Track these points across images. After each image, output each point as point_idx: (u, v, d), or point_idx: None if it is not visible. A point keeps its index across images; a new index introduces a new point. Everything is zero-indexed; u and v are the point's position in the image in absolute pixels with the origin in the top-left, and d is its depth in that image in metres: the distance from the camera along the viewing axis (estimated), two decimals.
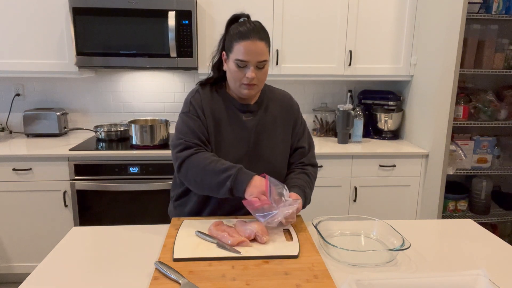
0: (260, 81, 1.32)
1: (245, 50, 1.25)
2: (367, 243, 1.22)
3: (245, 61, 1.26)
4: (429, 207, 2.50)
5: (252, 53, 1.25)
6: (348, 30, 2.60)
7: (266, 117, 1.42)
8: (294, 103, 1.50)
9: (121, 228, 1.33)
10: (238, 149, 1.38)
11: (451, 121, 2.32)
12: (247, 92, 1.32)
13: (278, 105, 1.45)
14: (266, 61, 1.30)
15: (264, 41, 1.28)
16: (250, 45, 1.25)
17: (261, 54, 1.27)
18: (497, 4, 2.34)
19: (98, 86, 2.89)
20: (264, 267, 1.05)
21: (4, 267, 2.47)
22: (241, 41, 1.25)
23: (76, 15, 2.37)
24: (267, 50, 1.30)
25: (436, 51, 2.40)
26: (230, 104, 1.39)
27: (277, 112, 1.44)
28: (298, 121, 1.48)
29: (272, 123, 1.42)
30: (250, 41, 1.25)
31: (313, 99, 3.02)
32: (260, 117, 1.41)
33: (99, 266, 1.09)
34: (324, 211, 2.55)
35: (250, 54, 1.25)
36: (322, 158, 2.47)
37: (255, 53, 1.26)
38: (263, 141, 1.40)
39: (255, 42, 1.25)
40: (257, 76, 1.29)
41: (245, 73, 1.28)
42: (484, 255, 1.18)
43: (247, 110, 1.40)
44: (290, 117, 1.46)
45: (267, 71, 1.34)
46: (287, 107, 1.46)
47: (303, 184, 1.39)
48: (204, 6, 2.50)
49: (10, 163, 2.33)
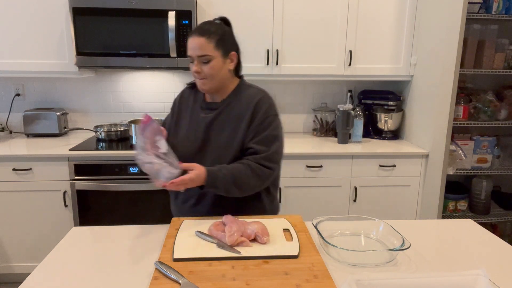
0: (208, 76, 1.37)
1: (188, 46, 1.36)
2: (367, 243, 1.22)
3: (189, 56, 1.37)
4: (429, 207, 2.50)
5: (192, 49, 1.35)
6: (348, 30, 2.60)
7: (224, 115, 1.42)
8: (260, 103, 1.41)
9: (121, 228, 1.33)
10: (189, 144, 1.44)
11: (451, 121, 2.32)
12: (199, 84, 1.40)
13: (242, 104, 1.42)
14: (207, 56, 1.34)
15: (205, 37, 1.33)
16: (191, 41, 1.35)
17: (199, 49, 1.33)
18: (497, 4, 2.34)
19: (98, 86, 2.89)
20: (264, 267, 1.05)
21: (4, 267, 2.47)
22: (189, 38, 1.37)
23: (76, 15, 2.37)
24: (210, 46, 1.34)
25: (436, 51, 2.40)
26: (197, 101, 1.49)
27: (239, 111, 1.42)
28: (257, 121, 1.39)
29: (229, 122, 1.41)
30: (191, 38, 1.35)
31: (313, 99, 3.02)
32: (217, 115, 1.43)
33: (99, 266, 1.09)
34: (324, 211, 2.55)
35: (191, 49, 1.35)
36: (322, 158, 2.47)
37: (195, 48, 1.34)
38: (212, 138, 1.42)
39: (195, 38, 1.34)
40: (203, 70, 1.36)
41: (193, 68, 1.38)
42: (484, 255, 1.18)
43: (208, 108, 1.46)
44: (247, 116, 1.39)
45: (216, 67, 1.36)
46: (248, 106, 1.41)
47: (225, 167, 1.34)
48: (204, 6, 2.50)
49: (10, 163, 2.33)
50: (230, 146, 1.40)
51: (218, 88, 1.42)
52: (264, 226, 1.22)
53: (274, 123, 1.42)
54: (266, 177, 1.39)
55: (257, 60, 2.60)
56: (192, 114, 1.48)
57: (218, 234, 1.20)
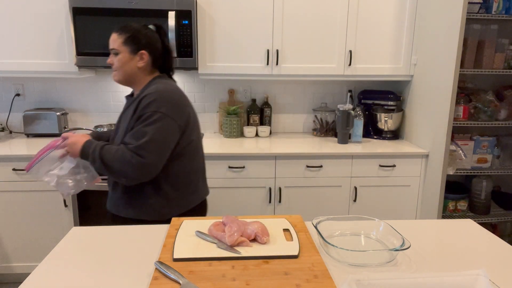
0: (116, 68, 1.55)
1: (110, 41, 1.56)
2: (367, 243, 1.22)
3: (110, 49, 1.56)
4: (429, 207, 2.51)
5: (110, 43, 1.55)
6: (348, 30, 2.60)
7: (129, 109, 1.53)
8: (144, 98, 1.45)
9: (121, 228, 1.33)
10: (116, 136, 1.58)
11: (451, 121, 2.32)
12: (112, 75, 1.59)
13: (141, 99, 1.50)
14: (115, 49, 1.53)
15: (117, 33, 1.53)
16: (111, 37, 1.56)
17: (111, 43, 1.54)
18: (497, 4, 2.34)
19: (98, 86, 2.89)
20: (264, 267, 1.05)
21: (4, 267, 2.47)
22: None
23: (76, 15, 2.37)
24: (119, 42, 1.52)
25: (436, 51, 2.40)
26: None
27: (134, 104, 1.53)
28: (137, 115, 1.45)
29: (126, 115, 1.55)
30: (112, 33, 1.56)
31: (313, 99, 3.02)
32: (125, 109, 1.59)
33: (99, 266, 1.09)
34: (324, 211, 2.55)
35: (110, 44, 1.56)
36: (322, 158, 2.47)
37: (110, 42, 1.55)
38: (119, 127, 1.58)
39: (112, 33, 1.55)
40: (114, 62, 1.55)
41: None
42: (484, 255, 1.18)
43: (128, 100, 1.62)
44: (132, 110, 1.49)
45: (122, 61, 1.53)
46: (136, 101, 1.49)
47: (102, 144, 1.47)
48: (204, 6, 2.50)
49: (10, 163, 2.33)
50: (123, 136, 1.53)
51: (127, 81, 1.58)
52: (264, 226, 1.22)
53: (150, 118, 1.42)
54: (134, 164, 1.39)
55: (257, 60, 2.60)
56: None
57: (218, 234, 1.20)
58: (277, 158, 2.45)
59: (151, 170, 1.43)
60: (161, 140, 1.42)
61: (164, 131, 1.43)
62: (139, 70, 1.56)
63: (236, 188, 2.47)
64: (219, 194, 2.47)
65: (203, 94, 2.94)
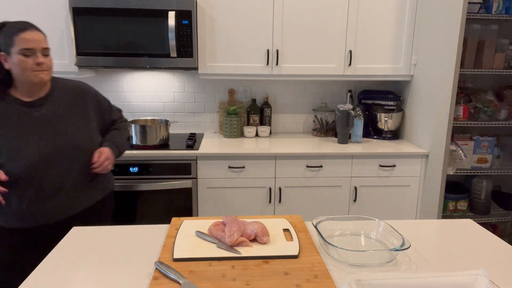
0: (48, 67, 1.45)
1: (29, 39, 1.38)
2: (367, 243, 1.22)
3: (31, 48, 1.38)
4: (429, 207, 2.51)
5: (36, 41, 1.39)
6: (348, 30, 2.60)
7: (60, 105, 1.50)
8: (89, 89, 1.63)
9: (121, 228, 1.33)
10: (38, 144, 1.43)
11: (451, 121, 2.32)
12: (41, 76, 1.42)
13: (70, 94, 1.55)
14: (49, 50, 1.45)
15: (42, 33, 1.43)
16: (31, 34, 1.39)
17: (43, 42, 1.42)
18: (497, 4, 2.34)
19: (98, 86, 2.89)
20: (264, 267, 1.05)
21: None
22: (21, 33, 1.37)
23: (76, 15, 2.37)
24: (46, 40, 1.44)
25: (436, 51, 2.40)
26: (11, 105, 1.43)
27: (70, 99, 1.54)
28: (100, 101, 1.65)
29: (67, 109, 1.52)
30: (31, 31, 1.39)
31: (313, 99, 3.02)
32: (53, 107, 1.49)
33: (99, 266, 1.09)
34: (324, 211, 2.55)
35: (34, 41, 1.39)
36: (322, 158, 2.47)
37: (39, 41, 1.40)
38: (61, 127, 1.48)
39: (35, 32, 1.41)
40: (45, 62, 1.42)
41: (34, 60, 1.39)
42: (484, 255, 1.18)
43: (36, 105, 1.46)
44: (87, 101, 1.59)
45: (51, 61, 1.47)
46: (81, 94, 1.58)
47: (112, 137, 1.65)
48: (204, 6, 2.50)
49: None
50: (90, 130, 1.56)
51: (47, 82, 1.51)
52: (264, 226, 1.22)
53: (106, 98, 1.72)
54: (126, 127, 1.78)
55: (257, 60, 2.60)
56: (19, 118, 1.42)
57: (218, 234, 1.20)
58: (277, 158, 2.45)
59: None
60: None
61: None
62: None
63: (236, 188, 2.47)
64: (219, 194, 2.47)
65: (203, 94, 2.94)
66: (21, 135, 1.41)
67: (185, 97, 2.94)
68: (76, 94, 1.56)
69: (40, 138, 1.44)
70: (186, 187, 2.41)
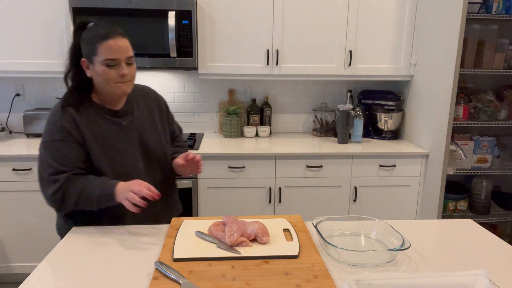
0: (132, 77, 1.34)
1: (113, 48, 1.25)
2: (367, 243, 1.22)
3: (115, 59, 1.26)
4: (429, 207, 2.50)
5: (120, 50, 1.26)
6: (348, 30, 2.60)
7: (142, 114, 1.45)
8: (159, 94, 1.57)
9: (121, 228, 1.33)
10: (132, 155, 1.38)
11: (451, 121, 2.32)
12: (124, 89, 1.31)
13: (147, 99, 1.50)
14: (133, 57, 1.33)
15: (126, 38, 1.30)
16: (116, 42, 1.25)
17: (128, 50, 1.29)
18: (497, 4, 2.34)
19: None
20: (264, 267, 1.05)
21: (4, 267, 2.47)
22: (105, 41, 1.24)
23: (76, 15, 2.37)
24: (130, 47, 1.32)
25: (436, 51, 2.40)
26: (103, 113, 1.36)
27: (150, 105, 1.49)
28: (168, 109, 1.59)
29: (149, 117, 1.47)
30: (116, 39, 1.26)
31: (313, 99, 3.02)
32: (137, 116, 1.43)
33: (99, 266, 1.09)
34: (324, 211, 2.55)
35: (119, 51, 1.26)
36: (322, 158, 2.47)
37: (123, 50, 1.27)
38: (148, 138, 1.44)
39: (120, 39, 1.27)
40: (129, 72, 1.31)
41: (118, 71, 1.27)
42: (484, 255, 1.18)
43: (122, 114, 1.39)
44: (162, 108, 1.53)
45: (135, 66, 1.36)
46: (155, 99, 1.52)
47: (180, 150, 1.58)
48: (204, 6, 2.50)
49: (10, 163, 2.33)
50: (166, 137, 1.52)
51: None
52: (264, 226, 1.22)
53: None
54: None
55: (257, 60, 2.60)
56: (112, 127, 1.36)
57: (218, 234, 1.20)
58: (277, 158, 2.45)
59: None
60: None
61: None
62: None
63: (236, 188, 2.47)
64: (219, 194, 2.47)
65: (203, 94, 2.94)
66: (115, 145, 1.35)
67: (185, 97, 2.94)
68: (151, 100, 1.50)
69: (130, 147, 1.38)
70: (186, 187, 2.41)
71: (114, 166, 1.34)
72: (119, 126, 1.37)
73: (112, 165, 1.34)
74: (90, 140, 1.31)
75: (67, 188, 1.27)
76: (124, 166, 1.36)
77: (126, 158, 1.37)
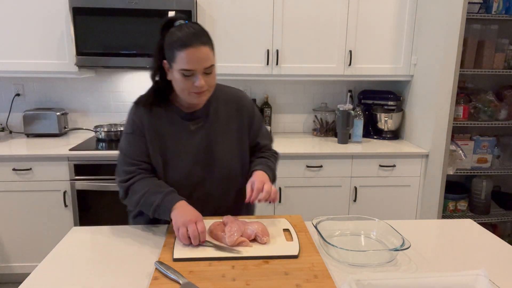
0: (210, 86, 1.26)
1: (189, 58, 1.17)
2: (367, 243, 1.22)
3: (191, 70, 1.19)
4: (429, 207, 2.50)
5: (197, 61, 1.18)
6: (348, 30, 2.60)
7: (218, 120, 1.37)
8: (247, 102, 1.44)
9: (121, 228, 1.33)
10: (186, 161, 1.33)
11: (451, 121, 2.32)
12: (199, 100, 1.26)
13: (229, 105, 1.40)
14: (213, 66, 1.23)
15: (207, 45, 1.20)
16: (194, 52, 1.17)
17: (206, 60, 1.19)
18: (497, 4, 2.34)
19: (98, 86, 2.89)
20: (264, 267, 1.05)
21: (4, 267, 2.47)
22: (183, 49, 1.17)
23: (76, 15, 2.37)
24: (212, 54, 1.22)
25: (436, 51, 2.40)
26: (173, 115, 1.34)
27: (230, 112, 1.39)
28: (254, 119, 1.44)
29: (225, 125, 1.37)
30: (193, 48, 1.17)
31: (313, 99, 3.02)
32: (211, 122, 1.36)
33: (99, 266, 1.09)
34: (324, 211, 2.55)
35: (195, 62, 1.18)
36: (322, 158, 2.47)
37: (201, 60, 1.18)
38: (217, 146, 1.35)
39: (199, 48, 1.17)
40: (206, 82, 1.22)
41: (193, 82, 1.21)
42: (484, 255, 1.18)
43: (194, 118, 1.35)
44: (244, 117, 1.40)
45: (215, 74, 1.28)
46: (238, 107, 1.40)
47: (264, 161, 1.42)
48: (204, 6, 2.50)
49: (10, 163, 2.33)
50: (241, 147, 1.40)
51: None
52: (264, 226, 1.22)
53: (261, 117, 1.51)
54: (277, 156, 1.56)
55: (257, 60, 2.60)
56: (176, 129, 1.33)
57: (217, 235, 1.20)
58: None
59: None
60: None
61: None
62: None
63: None
64: None
65: None
66: (171, 148, 1.32)
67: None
68: (235, 107, 1.40)
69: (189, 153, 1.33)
70: None
71: (166, 170, 1.32)
72: (186, 130, 1.33)
73: (164, 168, 1.32)
74: (150, 139, 1.31)
75: (133, 186, 1.29)
76: (175, 171, 1.32)
77: (179, 163, 1.33)
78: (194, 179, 1.34)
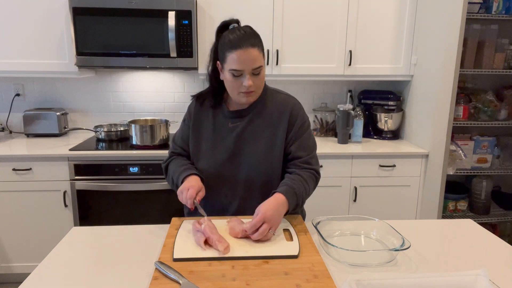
0: (258, 87, 1.32)
1: (238, 59, 1.24)
2: (367, 243, 1.22)
3: (239, 70, 1.26)
4: (429, 207, 2.50)
5: (246, 62, 1.25)
6: (348, 30, 2.60)
7: (256, 122, 1.39)
8: (293, 109, 1.43)
9: (121, 228, 1.33)
10: (215, 155, 1.39)
11: (451, 121, 2.32)
12: (246, 99, 1.32)
13: (274, 110, 1.41)
14: (261, 67, 1.28)
15: (257, 47, 1.26)
16: (243, 53, 1.24)
17: (255, 61, 1.26)
18: (497, 4, 2.34)
19: (98, 86, 2.89)
20: (264, 267, 1.05)
21: (4, 267, 2.47)
22: (233, 51, 1.24)
23: (76, 15, 2.37)
24: (261, 56, 1.28)
25: (436, 51, 2.40)
26: (219, 111, 1.43)
27: (272, 117, 1.40)
28: (294, 126, 1.41)
29: (262, 129, 1.39)
30: (242, 49, 1.24)
31: (313, 99, 3.02)
32: (248, 122, 1.39)
33: (99, 266, 1.09)
34: (324, 211, 2.55)
35: (244, 62, 1.24)
36: (322, 158, 2.47)
37: (249, 61, 1.25)
38: (245, 147, 1.38)
39: (248, 50, 1.24)
40: (254, 83, 1.29)
41: (242, 82, 1.28)
42: (484, 255, 1.18)
43: (234, 117, 1.40)
44: (284, 123, 1.39)
45: (264, 75, 1.33)
46: (281, 113, 1.41)
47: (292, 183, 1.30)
48: (204, 6, 2.50)
49: (10, 163, 2.33)
50: (269, 152, 1.38)
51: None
52: None
53: (310, 129, 1.48)
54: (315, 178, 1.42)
55: None
56: (215, 124, 1.41)
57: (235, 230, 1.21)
58: None
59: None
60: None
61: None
62: None
63: None
64: None
65: None
66: (205, 142, 1.41)
67: (185, 97, 2.94)
68: (279, 112, 1.41)
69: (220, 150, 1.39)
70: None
71: (197, 159, 1.43)
72: (224, 127, 1.41)
73: (196, 160, 1.43)
74: (192, 129, 1.44)
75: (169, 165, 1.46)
76: (204, 163, 1.41)
77: (209, 157, 1.40)
78: (222, 174, 1.40)
